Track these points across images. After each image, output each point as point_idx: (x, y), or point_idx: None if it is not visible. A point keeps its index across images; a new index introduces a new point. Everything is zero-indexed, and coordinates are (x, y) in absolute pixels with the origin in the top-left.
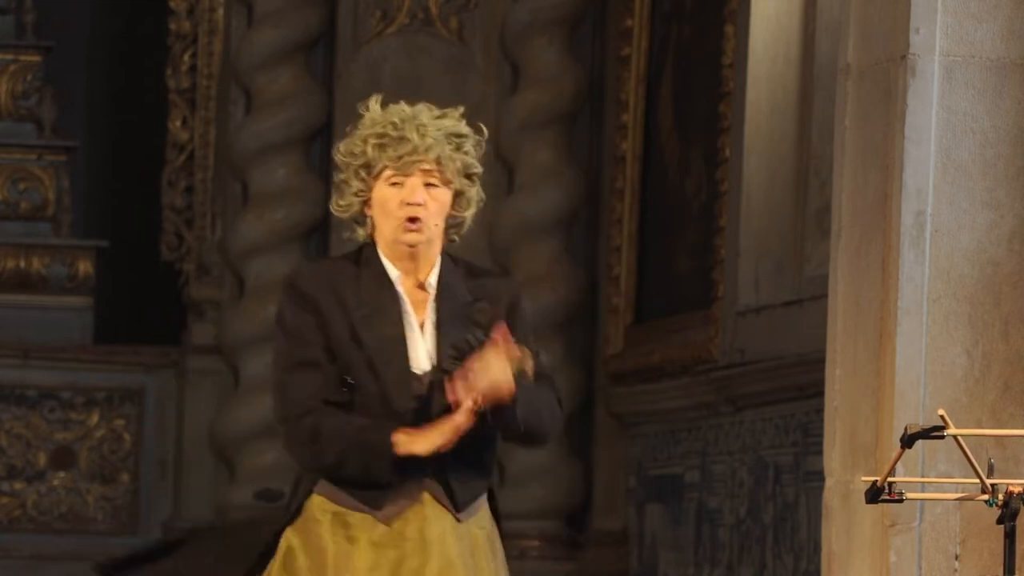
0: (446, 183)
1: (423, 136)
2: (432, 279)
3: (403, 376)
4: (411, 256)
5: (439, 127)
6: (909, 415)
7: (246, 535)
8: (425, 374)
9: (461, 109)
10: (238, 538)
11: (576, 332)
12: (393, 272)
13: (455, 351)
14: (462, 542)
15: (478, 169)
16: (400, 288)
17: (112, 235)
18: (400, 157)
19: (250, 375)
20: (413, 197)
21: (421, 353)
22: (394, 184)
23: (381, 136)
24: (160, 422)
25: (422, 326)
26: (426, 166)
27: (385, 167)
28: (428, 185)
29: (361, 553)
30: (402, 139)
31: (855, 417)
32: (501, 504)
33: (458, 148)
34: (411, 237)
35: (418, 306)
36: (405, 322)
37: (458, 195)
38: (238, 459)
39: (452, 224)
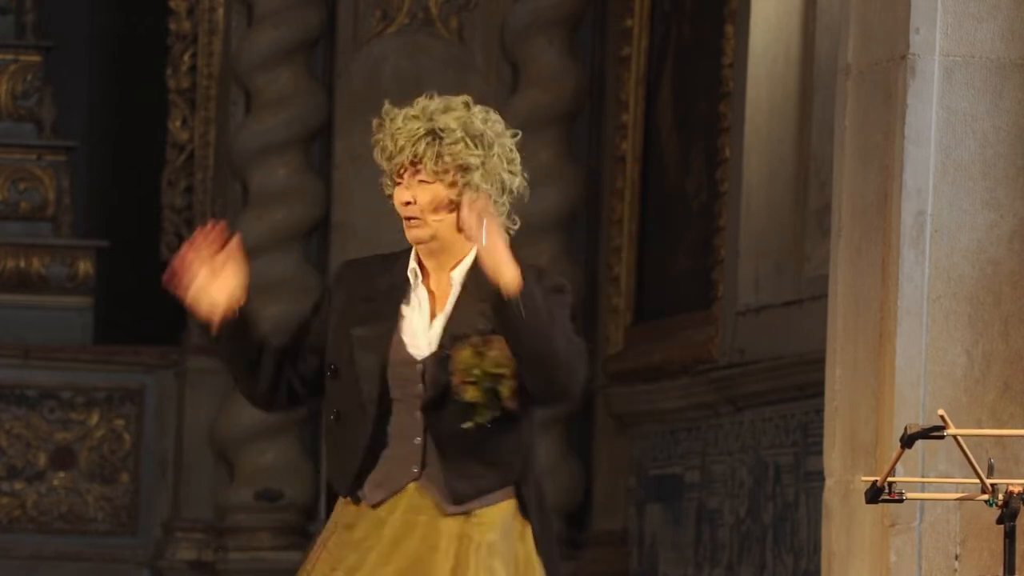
0: (434, 179)
1: (395, 140)
2: (456, 273)
3: (377, 366)
4: (431, 252)
5: (414, 127)
6: (909, 415)
7: None
8: (423, 360)
9: (463, 98)
10: None
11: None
12: (414, 268)
13: (454, 340)
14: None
15: (469, 160)
16: (417, 283)
17: (112, 235)
18: (388, 161)
19: None
20: (402, 196)
21: (422, 341)
22: (398, 185)
23: (378, 143)
24: (160, 422)
25: (433, 317)
26: (407, 167)
27: (388, 171)
28: (421, 182)
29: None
30: (384, 145)
31: (855, 417)
32: None
33: (441, 143)
34: (411, 234)
35: (440, 299)
36: (407, 314)
37: (456, 186)
38: (238, 459)
39: None
